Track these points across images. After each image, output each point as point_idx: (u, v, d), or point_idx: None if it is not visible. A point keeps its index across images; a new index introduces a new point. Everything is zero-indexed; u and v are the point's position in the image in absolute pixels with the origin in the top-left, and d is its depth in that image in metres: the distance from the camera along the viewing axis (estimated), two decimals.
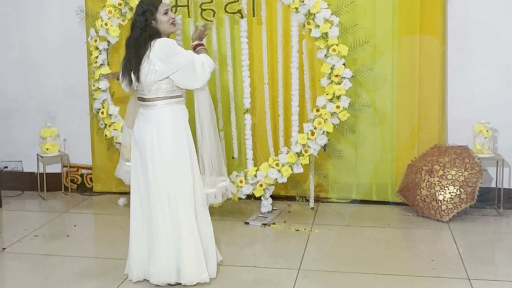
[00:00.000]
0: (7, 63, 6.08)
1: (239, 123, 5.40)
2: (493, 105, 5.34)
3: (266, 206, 5.24)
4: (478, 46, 5.32)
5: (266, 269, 4.21)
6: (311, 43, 5.08)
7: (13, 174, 6.15)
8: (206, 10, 5.16)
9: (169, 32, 3.91)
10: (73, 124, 6.03)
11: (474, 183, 5.01)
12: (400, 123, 5.37)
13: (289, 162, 5.03)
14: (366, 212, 5.36)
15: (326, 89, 4.92)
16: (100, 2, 5.41)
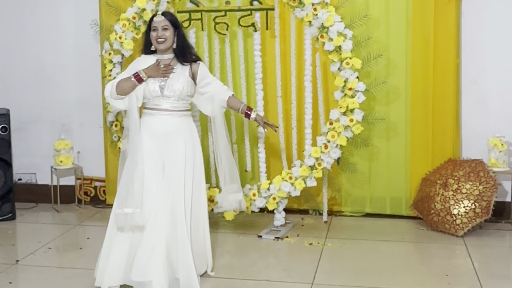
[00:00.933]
0: (23, 75, 6.13)
1: (252, 136, 5.40)
2: (508, 118, 5.31)
3: (279, 220, 5.23)
4: (492, 59, 5.30)
5: (279, 283, 4.18)
6: (324, 57, 5.09)
7: (27, 186, 6.18)
8: (220, 23, 5.19)
9: (158, 49, 4.09)
10: (87, 136, 6.06)
11: (489, 197, 4.97)
12: (414, 136, 5.34)
13: (303, 176, 5.02)
14: (380, 226, 5.33)
15: (340, 102, 4.91)
16: (115, 16, 5.45)
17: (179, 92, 3.99)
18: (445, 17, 5.16)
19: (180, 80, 4.01)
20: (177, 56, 4.08)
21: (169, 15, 4.11)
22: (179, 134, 4.02)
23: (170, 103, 4.01)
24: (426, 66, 5.24)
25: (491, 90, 5.33)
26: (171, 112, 4.02)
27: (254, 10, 5.11)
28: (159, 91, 3.98)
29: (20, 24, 6.08)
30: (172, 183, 3.97)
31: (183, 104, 4.06)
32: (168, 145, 4.00)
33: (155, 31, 4.03)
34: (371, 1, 5.24)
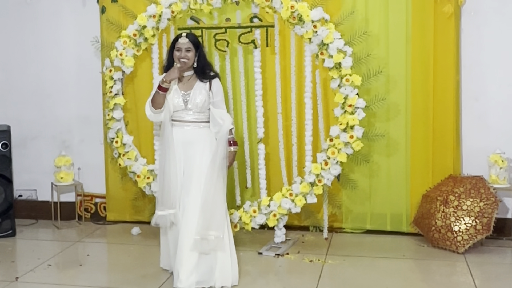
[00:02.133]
0: (23, 92, 6.15)
1: (252, 153, 5.41)
2: (508, 135, 5.31)
3: (279, 236, 5.21)
4: (492, 75, 5.30)
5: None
6: (324, 73, 5.10)
7: (27, 202, 6.17)
8: (220, 40, 5.21)
9: None
10: (88, 153, 6.07)
11: (489, 213, 4.95)
12: (415, 153, 5.34)
13: (303, 192, 5.01)
14: (381, 243, 5.31)
15: (340, 119, 4.92)
16: (115, 33, 5.48)
17: (201, 105, 4.38)
18: (445, 34, 5.17)
19: (201, 94, 4.39)
20: (197, 73, 4.46)
21: (192, 37, 4.45)
22: (198, 144, 4.38)
23: (192, 115, 4.41)
24: (426, 83, 5.25)
25: (491, 107, 5.33)
26: (193, 124, 4.41)
27: (254, 27, 5.13)
28: (183, 105, 4.38)
29: (21, 40, 6.11)
30: (190, 187, 4.35)
31: (204, 115, 4.44)
32: (187, 152, 4.37)
33: (179, 51, 4.40)
34: (370, 18, 5.27)
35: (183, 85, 4.45)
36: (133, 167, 5.40)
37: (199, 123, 4.43)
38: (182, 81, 4.47)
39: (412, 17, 5.22)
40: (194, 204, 4.29)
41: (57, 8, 6.00)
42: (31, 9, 6.05)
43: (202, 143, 4.39)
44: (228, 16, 5.29)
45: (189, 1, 5.13)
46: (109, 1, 5.65)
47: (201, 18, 5.29)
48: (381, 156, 5.39)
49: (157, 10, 5.20)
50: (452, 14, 5.12)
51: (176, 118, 4.43)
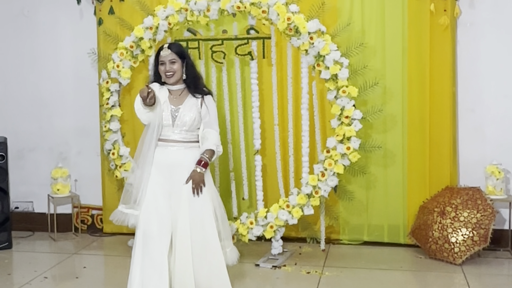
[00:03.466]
0: (20, 103, 6.15)
1: (249, 164, 5.41)
2: (504, 146, 5.31)
3: (276, 248, 5.20)
4: (488, 87, 5.32)
5: None
6: (321, 85, 5.11)
7: (24, 214, 6.16)
8: (217, 52, 5.22)
9: (167, 82, 4.16)
10: (84, 164, 6.06)
11: (487, 225, 4.95)
12: (411, 164, 5.34)
13: (300, 204, 5.01)
14: (378, 254, 5.30)
15: (336, 130, 4.92)
16: (112, 45, 5.49)
17: (190, 123, 4.07)
18: (441, 46, 5.19)
19: (192, 111, 4.09)
20: (189, 87, 4.16)
21: (175, 47, 4.16)
22: (185, 167, 4.03)
23: (179, 133, 4.08)
24: (423, 94, 5.26)
25: (488, 118, 5.33)
26: (179, 144, 4.08)
27: (251, 39, 5.14)
28: (171, 121, 4.05)
29: (18, 52, 6.12)
30: (178, 214, 4.02)
31: (193, 135, 4.12)
32: (173, 176, 4.04)
33: (163, 65, 4.10)
34: (367, 30, 5.28)
35: (173, 99, 4.13)
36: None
37: (186, 143, 4.09)
38: (173, 95, 4.15)
39: (408, 29, 5.24)
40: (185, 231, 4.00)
41: (54, 20, 6.01)
42: (29, 20, 6.06)
43: (189, 166, 4.03)
44: (225, 27, 5.30)
45: (186, 13, 5.14)
46: (106, 13, 5.66)
47: (197, 29, 5.30)
48: (378, 167, 5.39)
49: (154, 22, 5.21)
50: (448, 26, 5.14)
51: (162, 136, 4.08)
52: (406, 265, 5.06)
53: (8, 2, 6.08)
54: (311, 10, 4.97)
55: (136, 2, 5.44)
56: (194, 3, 5.08)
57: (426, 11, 5.15)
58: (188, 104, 4.11)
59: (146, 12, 5.32)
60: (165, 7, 5.20)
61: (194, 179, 4.00)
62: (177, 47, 4.17)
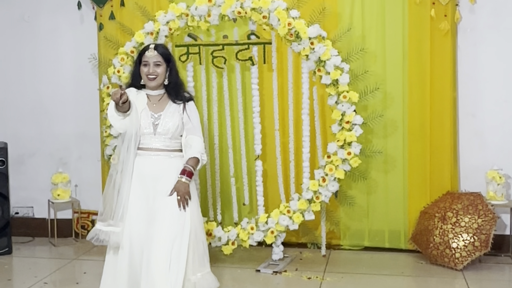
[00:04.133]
0: (21, 109, 6.15)
1: (250, 170, 5.40)
2: (505, 151, 5.31)
3: (277, 253, 5.19)
4: (489, 92, 5.31)
5: None
6: (321, 90, 5.11)
7: (24, 220, 6.15)
8: (217, 57, 5.21)
9: (147, 85, 3.88)
10: (85, 170, 6.05)
11: (488, 230, 4.94)
12: (412, 169, 5.34)
13: (301, 209, 5.00)
14: (379, 260, 5.29)
15: (337, 135, 4.92)
16: (113, 50, 5.49)
17: (173, 130, 3.81)
18: (441, 51, 5.19)
19: (174, 117, 3.84)
20: (169, 93, 3.90)
21: (162, 48, 3.91)
22: (169, 177, 3.76)
23: (162, 141, 3.81)
24: (423, 99, 5.25)
25: (488, 123, 5.33)
26: (163, 153, 3.81)
27: (251, 44, 5.14)
28: (152, 129, 3.80)
29: (18, 57, 6.12)
30: (162, 229, 3.70)
31: (176, 143, 3.86)
32: (156, 187, 3.76)
33: (146, 66, 3.84)
34: (367, 35, 5.29)
35: (152, 105, 3.85)
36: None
37: (170, 151, 3.82)
38: (152, 101, 3.86)
39: (408, 34, 5.24)
40: (164, 239, 3.68)
41: (55, 25, 6.01)
42: (29, 26, 6.06)
43: (173, 176, 3.74)
44: (226, 33, 5.30)
45: (187, 18, 5.14)
46: (107, 19, 5.67)
47: (198, 35, 5.29)
48: (378, 172, 5.39)
49: (154, 27, 5.21)
50: (449, 31, 5.14)
51: (142, 145, 3.80)
52: (407, 270, 5.05)
53: (9, 8, 6.09)
54: (312, 15, 4.97)
55: (136, 8, 5.44)
56: (194, 9, 5.09)
57: (427, 16, 5.15)
58: (170, 110, 3.85)
59: (146, 17, 5.32)
60: (165, 13, 5.20)
61: (179, 190, 3.71)
62: (163, 49, 3.92)
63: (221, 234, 5.18)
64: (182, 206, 3.71)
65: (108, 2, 5.68)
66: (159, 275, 3.64)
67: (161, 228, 3.69)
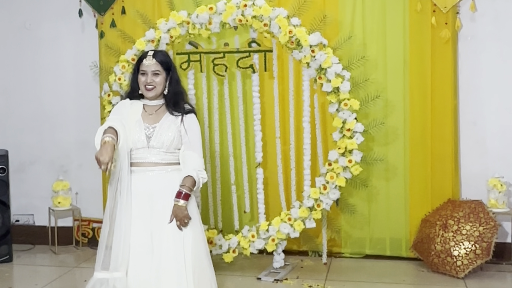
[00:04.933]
0: (22, 116, 6.15)
1: (251, 177, 5.39)
2: (506, 159, 5.30)
3: (278, 261, 5.18)
4: (490, 99, 5.31)
5: None
6: (322, 98, 5.11)
7: (24, 227, 6.14)
8: (218, 65, 5.22)
9: (145, 95, 3.67)
10: (85, 177, 6.04)
11: (489, 238, 4.93)
12: (413, 177, 5.33)
13: (302, 217, 4.99)
14: (380, 268, 5.28)
15: (338, 143, 4.92)
16: (114, 58, 5.50)
17: (169, 143, 3.55)
18: (442, 58, 5.19)
19: (170, 129, 3.58)
20: (168, 105, 3.66)
21: (161, 56, 3.66)
22: (167, 195, 3.52)
23: (156, 155, 3.55)
24: (424, 107, 5.25)
25: (490, 131, 5.33)
26: (158, 167, 3.55)
27: (252, 52, 5.15)
28: (146, 142, 3.54)
29: (19, 65, 6.13)
30: (162, 253, 3.51)
31: (173, 156, 3.59)
32: (153, 207, 3.53)
33: (144, 75, 3.60)
34: (368, 43, 5.29)
35: (148, 116, 3.61)
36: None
37: (166, 165, 3.54)
38: (148, 111, 3.63)
39: (409, 41, 5.25)
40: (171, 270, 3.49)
41: (56, 33, 6.02)
42: (30, 34, 6.07)
43: (171, 193, 3.49)
44: (227, 41, 5.31)
45: (188, 26, 5.15)
46: (108, 26, 5.68)
47: (199, 43, 5.30)
48: (379, 180, 5.38)
49: (155, 35, 5.22)
50: (449, 39, 5.15)
51: (136, 159, 3.53)
52: (408, 278, 5.04)
53: (10, 15, 6.10)
54: (313, 23, 4.98)
55: (137, 15, 5.45)
56: (196, 16, 5.10)
57: (427, 24, 5.16)
58: (166, 122, 3.59)
59: (147, 25, 5.33)
60: (166, 20, 5.20)
61: (176, 215, 3.47)
62: (163, 57, 3.66)
63: (222, 242, 5.17)
64: (181, 229, 3.50)
65: (109, 10, 5.70)
66: None
67: (165, 264, 3.49)
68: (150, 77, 3.60)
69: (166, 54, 3.78)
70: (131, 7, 5.61)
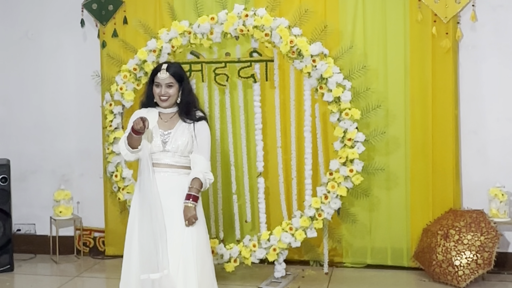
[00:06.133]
0: (23, 125, 6.16)
1: (252, 187, 5.39)
2: (507, 168, 5.30)
3: (279, 271, 5.17)
4: (491, 109, 5.32)
5: None
6: (323, 107, 5.12)
7: (26, 237, 6.14)
8: (220, 74, 5.23)
9: (160, 105, 3.89)
10: (87, 187, 6.05)
11: (490, 248, 4.92)
12: (414, 186, 5.33)
13: (303, 226, 4.99)
14: (382, 277, 5.27)
15: (339, 152, 4.92)
16: (116, 67, 5.51)
17: (183, 147, 3.81)
18: (443, 68, 5.20)
19: (184, 135, 3.83)
20: (180, 113, 3.88)
21: (174, 68, 3.88)
22: (177, 194, 3.77)
23: (171, 157, 3.81)
24: (425, 116, 5.26)
25: (491, 140, 5.33)
26: (171, 169, 3.81)
27: (253, 62, 5.16)
28: (161, 146, 3.80)
29: (21, 74, 6.15)
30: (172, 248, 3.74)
31: (186, 159, 3.85)
32: (165, 204, 3.76)
33: (159, 87, 3.85)
34: (369, 53, 5.30)
35: (163, 123, 3.88)
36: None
37: (179, 168, 3.82)
38: (163, 118, 3.89)
39: (410, 51, 5.26)
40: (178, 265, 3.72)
41: (58, 42, 6.04)
42: (32, 43, 6.09)
43: (181, 193, 3.76)
44: (228, 50, 5.33)
45: (189, 36, 5.17)
46: (110, 36, 5.70)
47: (201, 52, 5.32)
48: (381, 190, 5.38)
49: (157, 45, 5.24)
50: (450, 48, 5.16)
51: (152, 161, 3.81)
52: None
53: (12, 25, 6.12)
54: (314, 33, 4.99)
55: (139, 25, 5.47)
56: (197, 26, 5.12)
57: (428, 34, 5.18)
58: (180, 128, 3.85)
59: (149, 35, 5.35)
60: (168, 30, 5.23)
61: (185, 214, 3.73)
62: (176, 69, 3.89)
63: (223, 251, 5.17)
64: (188, 226, 3.75)
65: (111, 19, 5.72)
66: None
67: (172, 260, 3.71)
68: (164, 89, 3.85)
69: (179, 66, 3.98)
70: (133, 17, 5.64)
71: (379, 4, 5.30)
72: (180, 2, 5.55)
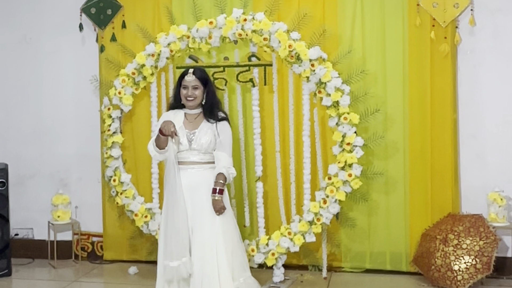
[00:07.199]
0: (22, 130, 6.15)
1: (250, 191, 5.39)
2: (506, 173, 5.29)
3: (278, 276, 5.16)
4: (489, 113, 5.32)
5: None
6: (322, 112, 5.12)
7: (23, 241, 6.12)
8: (218, 79, 5.23)
9: (186, 105, 4.35)
10: (85, 191, 6.04)
11: (489, 252, 4.92)
12: (413, 191, 5.32)
13: (301, 231, 4.98)
14: (380, 282, 5.26)
15: (338, 157, 4.92)
16: (114, 71, 5.51)
17: (206, 146, 4.23)
18: (442, 72, 5.20)
19: (207, 134, 4.25)
20: (205, 113, 4.33)
21: (199, 73, 4.33)
22: (204, 188, 4.20)
23: (196, 155, 4.24)
24: (424, 121, 5.26)
25: (489, 145, 5.32)
26: (198, 165, 4.24)
27: (252, 66, 5.16)
28: (188, 145, 4.21)
29: (20, 78, 6.14)
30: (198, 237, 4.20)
31: (210, 156, 4.27)
32: (193, 197, 4.20)
33: (186, 89, 4.29)
34: (368, 57, 5.30)
35: (189, 123, 4.31)
36: (131, 205, 5.38)
37: (204, 164, 4.27)
38: (188, 119, 4.33)
39: (409, 56, 5.26)
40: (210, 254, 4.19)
41: (57, 46, 6.04)
42: (31, 47, 6.09)
43: (208, 187, 4.20)
44: (227, 55, 5.32)
45: (188, 40, 5.17)
46: (108, 40, 5.70)
47: (199, 57, 5.32)
48: (379, 194, 5.37)
49: (155, 49, 5.24)
50: (449, 53, 5.16)
51: (180, 159, 4.24)
52: None
53: (11, 29, 6.12)
54: (312, 37, 5.00)
55: (138, 29, 5.47)
56: (196, 31, 5.12)
57: (427, 38, 5.18)
58: (204, 127, 4.28)
59: (148, 39, 5.35)
60: (167, 34, 5.23)
61: (214, 207, 4.17)
62: (201, 73, 4.33)
63: None
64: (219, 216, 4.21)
65: (109, 24, 5.71)
66: None
67: (202, 246, 4.19)
68: (190, 91, 4.30)
69: (204, 71, 4.44)
70: (131, 21, 5.63)
71: (377, 8, 5.30)
72: (178, 7, 5.54)
